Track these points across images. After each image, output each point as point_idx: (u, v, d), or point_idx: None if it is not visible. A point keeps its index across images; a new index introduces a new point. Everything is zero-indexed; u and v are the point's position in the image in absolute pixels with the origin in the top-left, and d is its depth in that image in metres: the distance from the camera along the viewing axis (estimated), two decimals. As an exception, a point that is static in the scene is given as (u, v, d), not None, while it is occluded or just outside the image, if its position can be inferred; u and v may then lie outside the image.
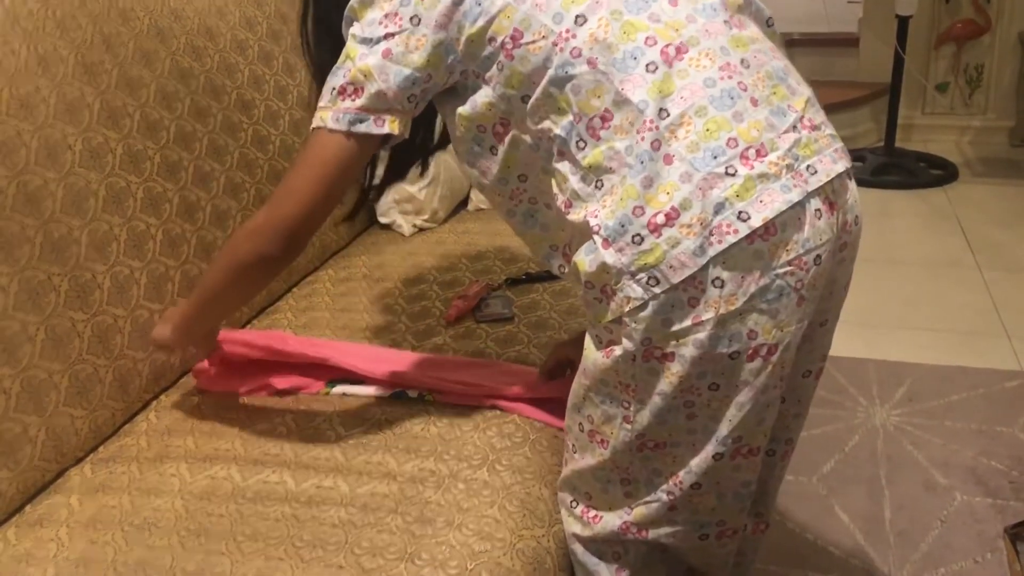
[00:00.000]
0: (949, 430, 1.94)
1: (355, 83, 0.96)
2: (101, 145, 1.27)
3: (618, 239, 0.89)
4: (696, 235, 0.86)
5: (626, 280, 0.89)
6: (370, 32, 0.96)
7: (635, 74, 0.90)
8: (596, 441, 1.02)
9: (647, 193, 0.88)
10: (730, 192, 0.87)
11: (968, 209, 3.22)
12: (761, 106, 0.90)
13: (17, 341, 1.11)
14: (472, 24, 0.94)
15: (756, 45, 0.95)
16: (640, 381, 0.94)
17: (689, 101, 0.89)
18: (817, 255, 0.90)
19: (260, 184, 1.58)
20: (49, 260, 1.16)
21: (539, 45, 0.93)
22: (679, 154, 0.88)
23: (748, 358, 0.91)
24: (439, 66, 0.97)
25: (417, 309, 1.54)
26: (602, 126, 0.91)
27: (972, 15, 3.79)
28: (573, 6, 0.93)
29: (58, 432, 1.14)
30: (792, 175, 0.88)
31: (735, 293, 0.88)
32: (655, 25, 0.92)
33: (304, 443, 1.17)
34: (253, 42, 1.66)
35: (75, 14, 1.29)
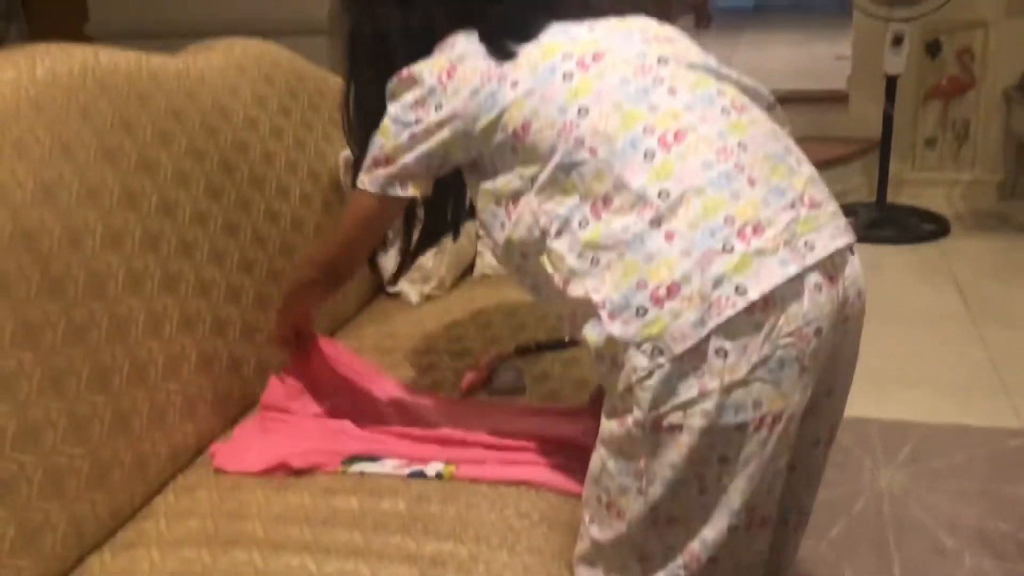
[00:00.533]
0: (955, 491, 1.95)
1: (387, 156, 1.14)
2: (121, 228, 1.29)
3: (623, 312, 0.94)
4: (696, 307, 0.91)
5: (632, 351, 0.94)
6: (403, 115, 1.13)
7: (634, 162, 0.97)
8: (613, 514, 1.04)
9: (648, 267, 0.94)
10: (728, 267, 0.91)
11: (961, 263, 3.27)
12: (758, 186, 0.96)
13: (40, 427, 1.11)
14: (487, 114, 1.06)
15: (755, 128, 1.01)
16: (651, 452, 0.97)
17: (687, 183, 0.95)
18: (818, 327, 0.94)
19: (272, 259, 1.60)
20: (71, 345, 1.17)
21: (546, 135, 1.02)
22: (679, 232, 0.93)
23: (754, 428, 0.94)
24: (456, 146, 1.11)
25: (429, 381, 1.55)
26: (604, 207, 0.98)
27: (957, 72, 3.89)
28: (576, 99, 1.02)
29: (78, 518, 1.15)
30: (789, 250, 0.93)
31: (738, 363, 0.91)
32: (653, 114, 0.99)
33: (324, 525, 1.17)
34: (264, 119, 1.70)
35: (97, 100, 1.32)
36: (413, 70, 1.13)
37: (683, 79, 1.03)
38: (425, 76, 1.11)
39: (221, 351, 1.44)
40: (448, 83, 1.09)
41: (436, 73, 1.10)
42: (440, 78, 1.10)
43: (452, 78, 1.09)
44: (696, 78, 1.04)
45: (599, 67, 1.03)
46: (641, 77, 1.02)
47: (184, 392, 1.35)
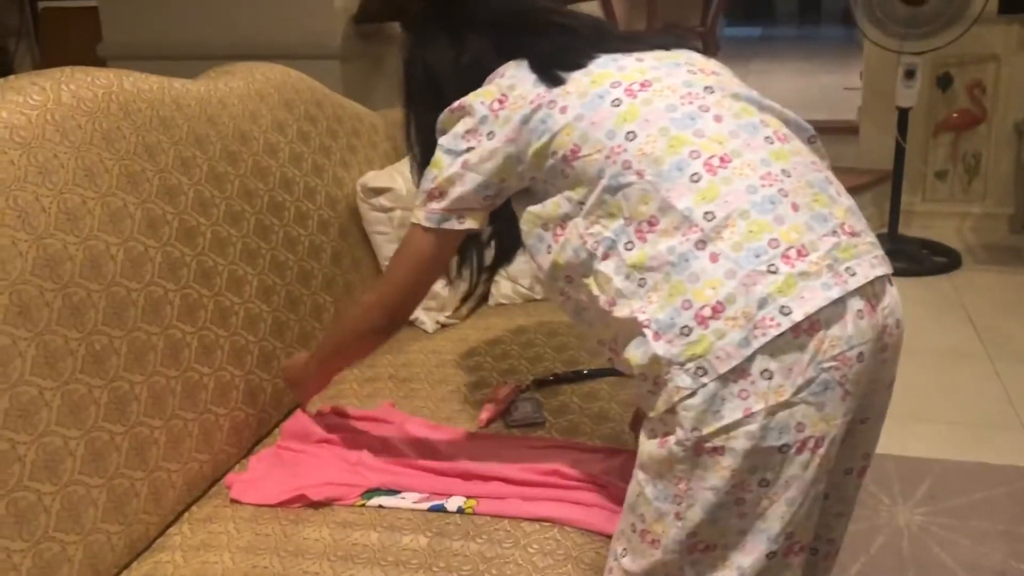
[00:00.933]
0: (975, 531, 1.92)
1: (440, 188, 1.14)
2: (141, 254, 1.28)
3: (668, 331, 0.95)
4: (741, 328, 0.92)
5: (675, 370, 0.94)
6: (454, 145, 1.13)
7: (680, 183, 0.98)
8: (647, 541, 1.02)
9: (694, 288, 0.94)
10: (772, 288, 0.92)
11: (974, 297, 3.25)
12: (802, 211, 0.97)
13: (59, 456, 1.10)
14: (538, 139, 1.08)
15: (797, 158, 1.02)
16: (693, 475, 0.96)
17: (733, 205, 0.96)
18: (860, 352, 0.95)
19: (290, 285, 1.59)
20: (90, 372, 1.16)
21: (594, 158, 1.04)
22: (724, 252, 0.95)
23: (797, 451, 0.94)
24: (510, 173, 1.12)
25: (446, 412, 1.53)
26: (649, 229, 0.99)
27: (968, 105, 3.89)
28: (624, 124, 1.03)
29: (95, 550, 1.12)
30: (832, 275, 0.94)
31: (783, 384, 0.92)
32: (699, 140, 1.01)
33: (343, 560, 1.15)
34: (284, 144, 1.69)
35: (120, 125, 1.31)
36: (464, 102, 1.14)
37: (728, 108, 1.04)
38: (476, 106, 1.12)
39: (238, 379, 1.42)
40: (499, 111, 1.11)
41: (487, 102, 1.12)
42: (491, 107, 1.11)
43: (503, 106, 1.11)
44: (740, 107, 1.06)
45: (647, 94, 1.05)
46: (687, 104, 1.04)
47: (200, 421, 1.33)
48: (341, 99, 1.99)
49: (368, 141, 2.01)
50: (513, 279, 2.07)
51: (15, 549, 1.03)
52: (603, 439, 1.42)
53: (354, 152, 1.94)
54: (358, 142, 1.96)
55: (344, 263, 1.77)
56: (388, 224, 1.88)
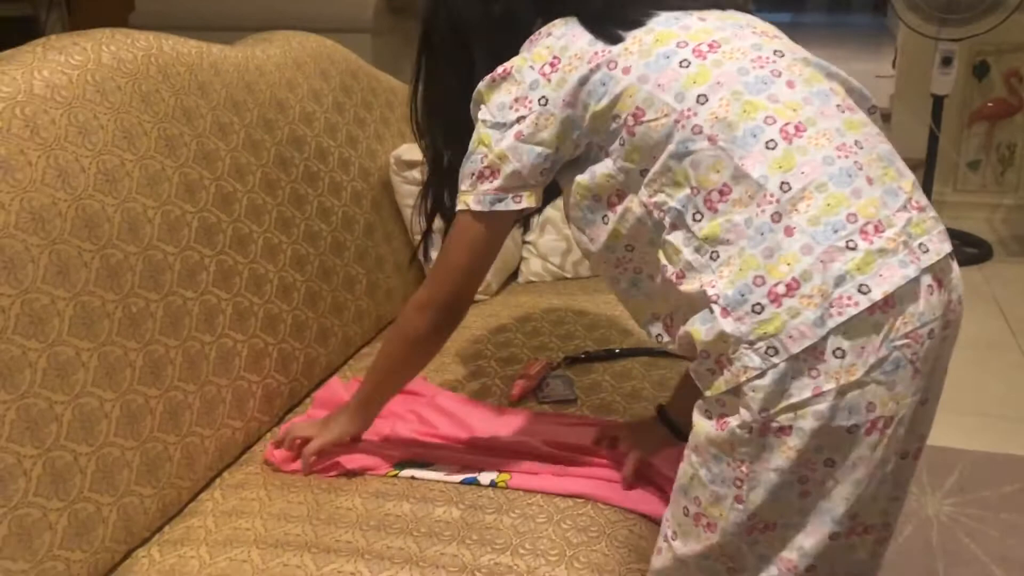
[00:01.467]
0: (1005, 523, 1.90)
1: (491, 167, 1.05)
2: (178, 219, 1.27)
3: (737, 308, 0.91)
4: (817, 306, 0.88)
5: (744, 349, 0.91)
6: (501, 117, 1.05)
7: (755, 151, 0.94)
8: (702, 525, 0.99)
9: (768, 263, 0.91)
10: (851, 265, 0.89)
11: (1005, 289, 3.21)
12: (876, 185, 0.93)
13: (95, 418, 1.09)
14: (597, 102, 1.01)
15: (866, 129, 0.99)
16: (756, 457, 0.93)
17: (810, 177, 0.92)
18: (931, 329, 0.92)
19: (323, 255, 1.58)
20: (126, 335, 1.15)
21: (661, 123, 0.98)
22: (800, 227, 0.91)
23: (866, 432, 0.91)
24: (566, 140, 1.04)
25: (477, 387, 1.52)
26: (720, 199, 0.94)
27: (1005, 95, 3.83)
28: (695, 86, 0.97)
29: (128, 512, 1.12)
30: (908, 251, 0.91)
31: (855, 363, 0.89)
32: (774, 105, 0.96)
33: (375, 530, 1.14)
34: (320, 114, 1.68)
35: (159, 88, 1.30)
36: (508, 67, 1.06)
37: (799, 73, 1.00)
38: (524, 71, 1.04)
39: (271, 347, 1.42)
40: (552, 74, 1.03)
41: (537, 65, 1.04)
42: (542, 70, 1.03)
43: (556, 69, 1.03)
44: (810, 73, 1.01)
45: (716, 56, 0.99)
46: (759, 68, 0.99)
47: (234, 387, 1.33)
48: (376, 71, 1.98)
49: (402, 114, 1.99)
50: (543, 256, 2.06)
51: (51, 508, 1.02)
52: (635, 417, 1.40)
53: (388, 125, 1.92)
54: (392, 115, 1.94)
55: (376, 236, 1.76)
56: (420, 197, 1.87)
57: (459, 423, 1.36)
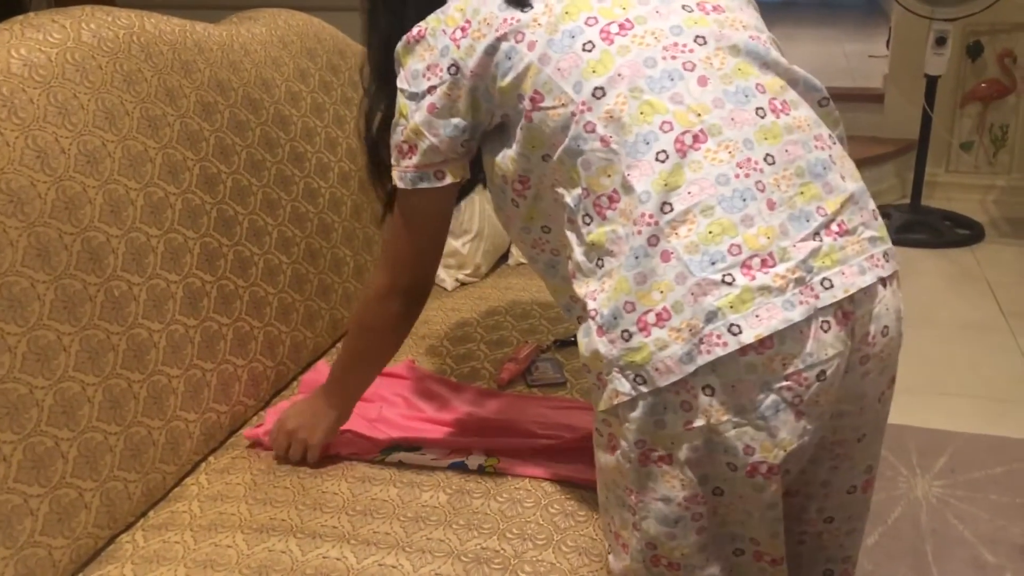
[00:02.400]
0: (994, 504, 1.90)
1: (408, 141, 0.99)
2: (161, 200, 1.25)
3: (610, 330, 0.86)
4: (684, 341, 0.82)
5: (615, 373, 0.86)
6: (415, 85, 0.98)
7: (643, 160, 0.85)
8: (620, 544, 0.98)
9: (639, 289, 0.84)
10: (723, 302, 0.81)
11: (996, 271, 3.20)
12: (779, 209, 0.84)
13: (77, 402, 1.08)
14: (503, 78, 0.93)
15: (793, 135, 0.87)
16: (641, 486, 0.89)
17: (697, 198, 0.83)
18: (821, 371, 0.83)
19: (310, 238, 1.56)
20: (109, 318, 1.14)
21: (559, 112, 0.90)
22: (677, 253, 0.83)
23: (748, 473, 0.85)
24: (479, 111, 0.97)
25: (467, 370, 1.51)
26: (609, 206, 0.87)
27: (998, 75, 3.81)
28: (594, 76, 0.88)
29: (112, 497, 1.11)
30: (800, 289, 0.82)
31: (725, 403, 0.83)
32: (676, 107, 0.86)
33: (362, 515, 1.13)
34: (306, 94, 1.65)
35: (141, 68, 1.28)
36: (423, 28, 0.97)
37: (718, 66, 0.88)
38: (437, 35, 0.96)
39: (257, 330, 1.40)
40: (462, 40, 0.94)
41: (449, 30, 0.95)
42: (453, 35, 0.95)
43: (466, 34, 0.94)
44: (735, 66, 0.89)
45: (624, 40, 0.89)
46: (670, 59, 0.88)
47: (218, 371, 1.31)
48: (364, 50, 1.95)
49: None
50: (534, 238, 2.04)
51: (32, 494, 1.01)
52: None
53: (375, 104, 1.90)
54: (380, 94, 1.92)
55: (364, 217, 1.74)
56: (409, 179, 1.85)
57: (447, 406, 1.35)
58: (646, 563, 0.93)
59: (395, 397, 1.38)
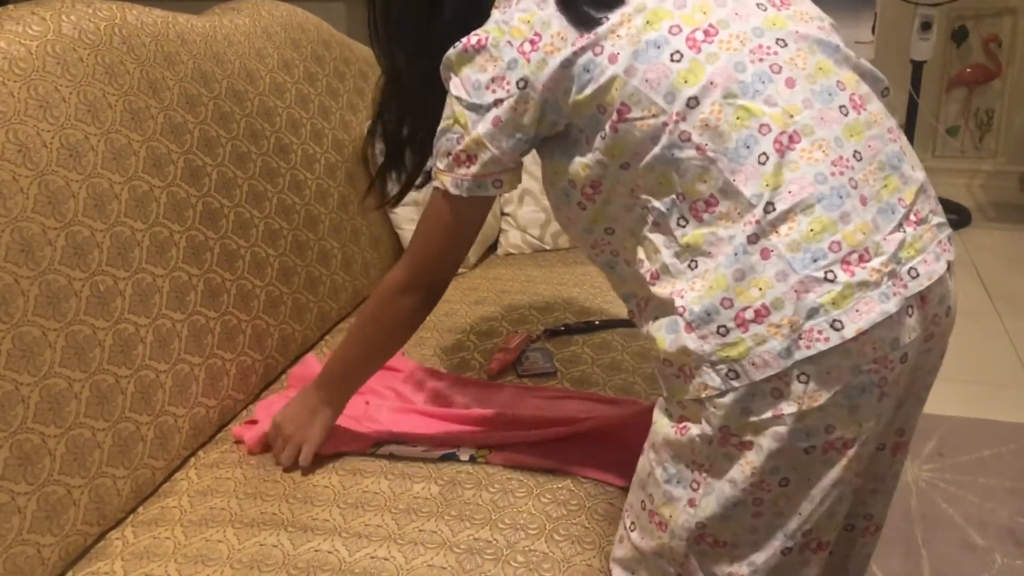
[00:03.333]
0: (983, 487, 1.91)
1: (468, 151, 0.97)
2: (146, 193, 1.24)
3: (702, 327, 0.87)
4: (784, 337, 0.84)
5: (705, 368, 0.87)
6: (477, 97, 0.95)
7: (747, 164, 0.87)
8: (655, 523, 0.97)
9: (738, 286, 0.86)
10: (825, 299, 0.84)
11: (983, 255, 3.22)
12: (870, 204, 0.87)
13: (63, 398, 1.07)
14: (580, 91, 0.92)
15: (872, 131, 0.90)
16: (714, 463, 0.91)
17: (798, 197, 0.86)
18: (904, 353, 0.88)
19: (297, 230, 1.56)
20: (94, 313, 1.13)
21: (648, 123, 0.90)
22: (778, 251, 0.85)
23: (823, 451, 0.88)
24: (544, 122, 0.96)
25: (456, 361, 1.51)
26: (706, 209, 0.88)
27: (983, 60, 3.82)
28: (686, 87, 0.88)
29: (100, 493, 1.10)
30: (892, 281, 0.86)
31: (819, 390, 0.85)
32: (771, 110, 0.87)
33: (353, 507, 1.13)
34: (291, 85, 1.64)
35: (123, 60, 1.26)
36: (483, 38, 0.94)
37: (802, 66, 0.90)
38: (502, 47, 0.93)
39: (245, 324, 1.39)
40: (532, 54, 0.92)
41: (516, 42, 0.93)
42: (521, 48, 0.92)
43: (536, 48, 0.92)
44: (816, 65, 0.91)
45: (711, 47, 0.89)
46: (758, 62, 0.89)
47: (207, 365, 1.30)
48: (349, 41, 1.94)
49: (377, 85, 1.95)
50: (522, 228, 2.04)
51: (19, 492, 1.00)
52: (616, 389, 1.40)
53: (362, 95, 1.89)
54: (366, 85, 1.91)
55: (351, 209, 1.74)
56: (396, 169, 1.84)
57: (437, 398, 1.35)
58: (689, 540, 0.94)
59: (385, 390, 1.37)
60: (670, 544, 0.96)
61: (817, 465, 0.89)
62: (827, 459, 0.88)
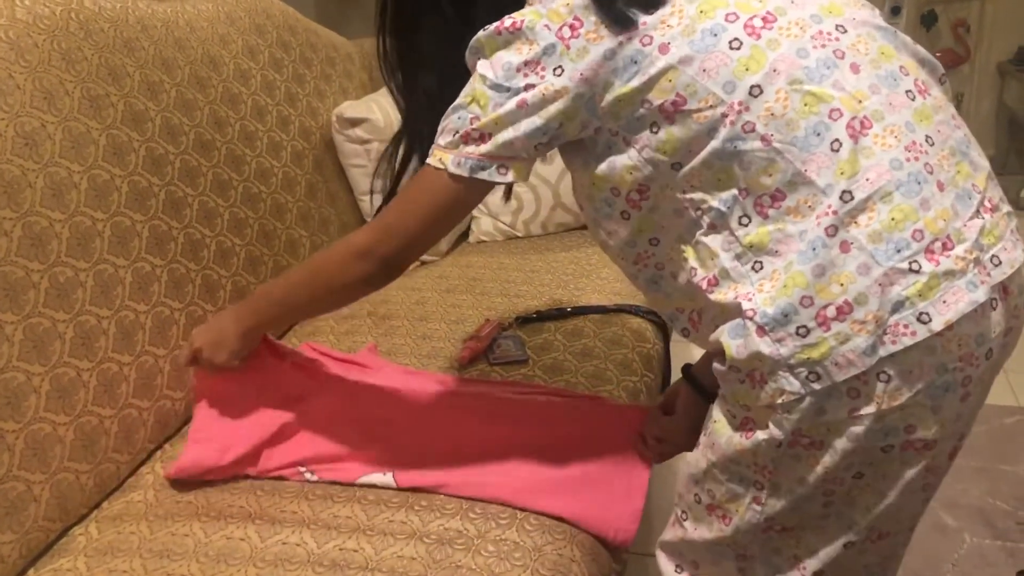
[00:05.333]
0: (954, 468, 1.90)
1: (482, 130, 0.90)
2: (107, 183, 1.22)
3: (778, 329, 0.82)
4: (869, 333, 0.79)
5: (782, 372, 0.82)
6: (505, 79, 0.89)
7: (819, 153, 0.82)
8: (716, 516, 0.94)
9: (818, 283, 0.81)
10: (912, 290, 0.80)
11: (953, 238, 3.24)
12: (947, 190, 0.83)
13: (22, 393, 1.05)
14: (625, 83, 0.87)
15: (939, 116, 0.87)
16: (781, 466, 0.87)
17: (876, 184, 0.81)
18: (989, 348, 0.83)
19: (263, 219, 1.53)
20: (54, 306, 1.10)
21: (706, 115, 0.85)
22: (858, 243, 0.80)
23: (901, 449, 0.84)
24: (574, 120, 0.90)
25: (427, 350, 1.49)
26: (772, 204, 0.84)
27: (952, 45, 3.84)
28: (748, 75, 0.83)
29: (63, 489, 1.08)
30: (978, 269, 0.82)
31: (900, 389, 0.81)
32: (840, 94, 0.83)
33: (321, 499, 1.12)
34: (256, 71, 1.62)
35: (80, 46, 1.23)
36: (519, 21, 0.88)
37: (865, 52, 0.86)
38: (539, 30, 0.87)
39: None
40: (572, 40, 0.86)
41: (555, 26, 0.87)
42: (560, 33, 0.87)
43: (576, 34, 0.86)
44: (878, 50, 0.87)
45: (771, 34, 0.85)
46: (820, 48, 0.85)
47: (172, 357, 1.28)
48: (315, 26, 1.91)
49: (343, 70, 1.93)
50: (494, 216, 2.02)
51: (-22, 488, 0.98)
52: (587, 376, 1.39)
53: (328, 81, 1.86)
54: (333, 71, 1.88)
55: (319, 197, 1.71)
56: (365, 156, 1.82)
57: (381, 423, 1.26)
58: (756, 532, 0.91)
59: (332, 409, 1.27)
60: (733, 536, 0.93)
61: (895, 464, 0.85)
62: (905, 458, 0.84)
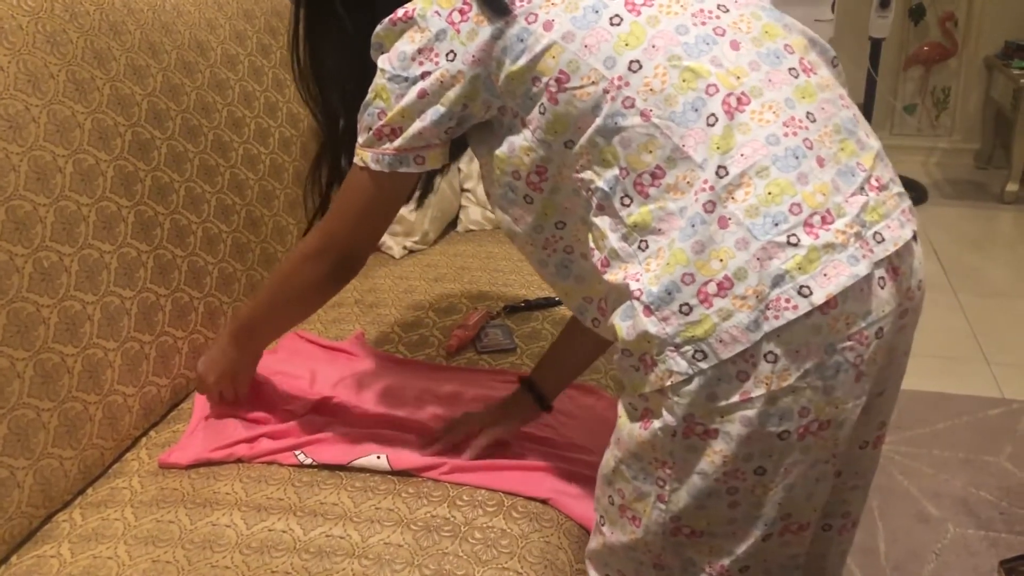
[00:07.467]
0: (937, 459, 1.94)
1: (391, 124, 0.93)
2: (92, 167, 1.20)
3: (662, 307, 0.81)
4: (751, 308, 0.79)
5: (669, 352, 0.82)
6: (403, 69, 0.91)
7: (696, 128, 0.82)
8: (627, 517, 0.93)
9: (698, 259, 0.80)
10: (791, 264, 0.79)
11: (939, 231, 3.26)
12: (828, 166, 0.83)
13: (5, 378, 1.04)
14: (513, 62, 0.88)
15: (824, 94, 0.87)
16: (679, 458, 0.85)
17: (751, 160, 0.81)
18: (879, 328, 0.83)
19: (250, 206, 1.52)
20: (38, 291, 1.09)
21: (588, 91, 0.85)
22: (736, 218, 0.80)
23: (799, 436, 0.83)
24: (475, 100, 0.92)
25: (415, 338, 1.49)
26: (652, 183, 0.83)
27: (940, 38, 3.86)
28: (627, 50, 0.84)
29: (46, 475, 1.07)
30: (859, 244, 0.81)
31: (788, 369, 0.80)
32: (717, 70, 0.83)
33: (308, 486, 1.11)
34: (243, 57, 1.60)
35: (65, 28, 1.22)
36: (410, 9, 0.91)
37: (747, 30, 0.87)
38: (429, 17, 0.90)
39: (197, 301, 1.36)
40: (462, 24, 0.89)
41: (445, 12, 0.89)
42: (450, 18, 0.89)
43: (466, 17, 0.89)
44: (762, 28, 0.88)
45: (651, 10, 0.86)
46: (700, 25, 0.85)
47: (158, 343, 1.28)
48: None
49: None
50: (482, 205, 2.02)
51: (-39, 474, 0.97)
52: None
53: (317, 68, 1.85)
54: (321, 58, 1.87)
55: (307, 184, 1.70)
56: (353, 144, 1.81)
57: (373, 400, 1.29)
58: (665, 534, 0.90)
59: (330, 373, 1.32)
60: (644, 539, 0.93)
61: (795, 452, 0.84)
62: (804, 445, 0.84)
